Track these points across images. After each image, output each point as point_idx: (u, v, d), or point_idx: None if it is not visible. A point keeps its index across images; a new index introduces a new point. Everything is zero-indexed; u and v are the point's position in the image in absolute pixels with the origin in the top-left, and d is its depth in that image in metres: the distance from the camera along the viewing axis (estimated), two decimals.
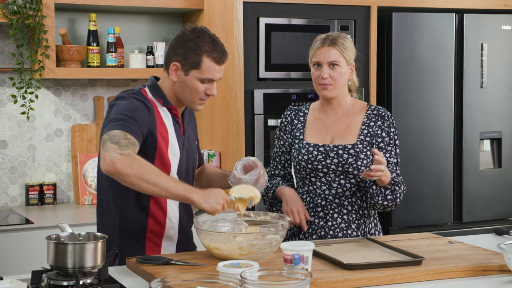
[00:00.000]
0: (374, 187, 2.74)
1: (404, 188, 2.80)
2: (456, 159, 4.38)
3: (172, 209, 2.63)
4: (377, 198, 2.73)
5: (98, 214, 2.68)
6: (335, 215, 2.81)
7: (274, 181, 2.91)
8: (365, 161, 2.78)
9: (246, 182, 2.58)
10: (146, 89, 2.65)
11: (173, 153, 2.59)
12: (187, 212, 2.69)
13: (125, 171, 2.32)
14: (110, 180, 2.50)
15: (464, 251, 2.50)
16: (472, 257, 2.41)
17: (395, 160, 2.84)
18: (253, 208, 3.88)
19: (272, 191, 2.88)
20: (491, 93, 4.42)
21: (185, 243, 2.69)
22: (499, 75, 4.44)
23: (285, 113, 2.98)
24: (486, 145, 4.48)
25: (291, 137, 2.91)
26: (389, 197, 2.73)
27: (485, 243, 2.68)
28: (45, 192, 4.06)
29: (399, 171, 2.85)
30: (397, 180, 2.75)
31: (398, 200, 2.76)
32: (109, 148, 2.34)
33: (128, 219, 2.59)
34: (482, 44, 4.38)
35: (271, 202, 2.91)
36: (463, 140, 4.38)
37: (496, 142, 4.50)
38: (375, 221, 2.90)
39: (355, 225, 2.81)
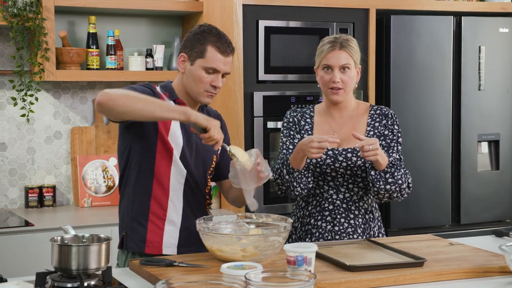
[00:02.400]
0: (372, 172, 2.70)
1: (407, 175, 2.76)
2: (454, 161, 4.40)
3: (177, 191, 2.66)
4: (378, 183, 2.68)
5: (119, 201, 2.77)
6: (342, 220, 2.80)
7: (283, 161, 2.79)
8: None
9: (240, 171, 2.51)
10: (158, 86, 2.74)
11: (174, 142, 2.64)
12: (194, 196, 2.70)
13: (115, 95, 2.41)
14: (123, 163, 2.67)
15: (465, 252, 2.52)
16: (473, 258, 2.42)
17: (398, 156, 2.81)
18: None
19: (286, 167, 2.75)
20: (489, 95, 4.45)
21: (191, 229, 2.60)
22: (497, 78, 4.47)
23: (290, 113, 2.92)
24: (484, 147, 4.50)
25: (300, 136, 2.87)
26: (390, 180, 2.68)
27: (485, 244, 2.69)
28: (45, 194, 4.06)
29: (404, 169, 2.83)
30: (395, 163, 2.71)
31: (402, 184, 2.70)
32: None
33: (133, 202, 2.67)
34: (479, 47, 4.41)
35: (297, 176, 2.74)
36: (461, 142, 4.40)
37: (494, 144, 4.52)
38: (379, 223, 2.89)
39: (361, 229, 2.81)
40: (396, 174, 2.70)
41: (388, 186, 2.70)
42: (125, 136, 2.69)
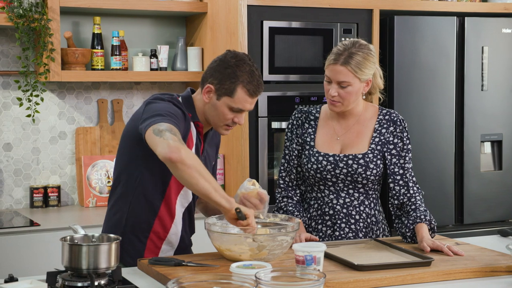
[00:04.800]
0: (409, 234, 2.73)
1: (421, 193, 2.85)
2: (457, 161, 4.42)
3: (179, 215, 2.66)
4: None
5: (109, 208, 2.69)
6: (343, 225, 2.79)
7: (289, 206, 2.86)
8: (374, 171, 2.76)
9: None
10: (180, 99, 2.63)
11: None
12: (190, 219, 2.72)
13: (189, 162, 2.30)
14: (126, 175, 2.59)
15: (472, 252, 2.53)
16: (480, 258, 2.43)
17: (410, 165, 2.81)
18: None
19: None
20: (492, 95, 4.46)
21: (186, 250, 2.71)
22: (500, 78, 4.48)
23: (295, 114, 2.90)
24: (487, 147, 4.51)
25: (302, 141, 2.87)
26: (432, 222, 2.74)
27: (490, 244, 2.71)
28: (49, 194, 4.07)
29: (414, 178, 2.84)
30: (429, 217, 2.73)
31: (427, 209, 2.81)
32: (169, 137, 2.33)
33: (136, 216, 2.61)
34: (482, 47, 4.42)
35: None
36: (464, 142, 4.41)
37: (497, 145, 4.53)
38: (383, 226, 2.89)
39: (362, 233, 2.80)
40: (429, 215, 2.77)
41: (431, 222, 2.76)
42: (139, 148, 2.56)
